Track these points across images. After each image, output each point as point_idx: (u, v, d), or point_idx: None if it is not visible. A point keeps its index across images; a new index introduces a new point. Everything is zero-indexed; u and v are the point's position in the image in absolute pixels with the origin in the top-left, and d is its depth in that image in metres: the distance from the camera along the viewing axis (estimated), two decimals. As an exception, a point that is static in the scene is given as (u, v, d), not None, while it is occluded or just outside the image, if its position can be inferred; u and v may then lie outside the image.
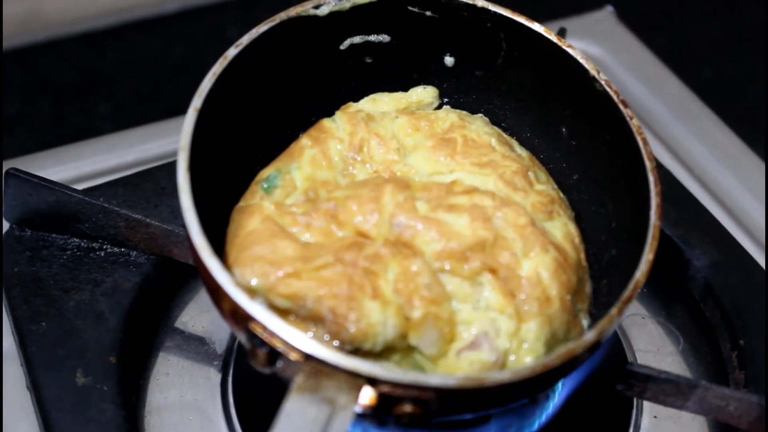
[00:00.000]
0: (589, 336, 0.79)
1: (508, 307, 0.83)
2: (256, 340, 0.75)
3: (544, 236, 0.86)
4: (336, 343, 0.79)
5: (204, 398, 0.95)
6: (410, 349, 0.82)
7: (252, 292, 0.81)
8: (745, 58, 1.66)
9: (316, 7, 0.93)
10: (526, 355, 0.82)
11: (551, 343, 0.84)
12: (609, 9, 1.42)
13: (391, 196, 0.85)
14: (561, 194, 0.95)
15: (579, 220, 0.94)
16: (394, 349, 0.81)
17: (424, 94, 1.00)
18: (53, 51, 1.50)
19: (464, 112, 0.99)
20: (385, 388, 0.73)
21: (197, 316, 1.02)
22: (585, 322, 0.88)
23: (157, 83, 1.50)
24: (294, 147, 0.93)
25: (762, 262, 1.06)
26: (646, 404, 0.97)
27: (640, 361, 1.01)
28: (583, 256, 0.91)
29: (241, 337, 0.78)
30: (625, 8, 1.44)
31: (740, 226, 1.13)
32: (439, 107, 1.01)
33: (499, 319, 0.83)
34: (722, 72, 1.63)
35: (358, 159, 0.92)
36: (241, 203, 0.89)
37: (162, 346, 0.99)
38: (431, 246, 0.84)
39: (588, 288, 0.90)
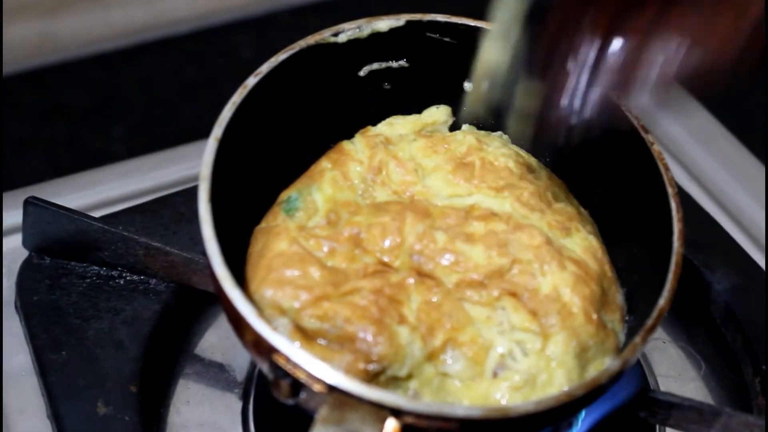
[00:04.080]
0: (614, 365, 0.78)
1: (532, 326, 0.83)
2: (279, 371, 0.75)
3: (561, 253, 0.87)
4: (370, 366, 0.79)
5: (225, 426, 0.95)
6: (435, 375, 0.82)
7: (281, 313, 0.81)
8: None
9: (335, 34, 0.93)
10: (557, 369, 0.82)
11: (583, 355, 0.83)
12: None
13: (412, 227, 0.86)
14: (582, 210, 0.95)
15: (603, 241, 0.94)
16: (419, 375, 0.81)
17: (438, 114, 1.00)
18: (66, 73, 1.50)
19: (483, 133, 0.99)
20: (409, 419, 0.73)
21: (217, 343, 1.01)
22: (622, 334, 0.88)
23: (170, 104, 1.50)
24: (314, 169, 0.93)
25: (783, 285, 1.05)
26: (669, 431, 0.96)
27: (662, 386, 1.00)
28: (608, 267, 0.90)
29: (264, 368, 0.78)
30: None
31: (760, 249, 1.13)
32: (454, 125, 1.01)
33: (525, 339, 0.83)
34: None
35: (378, 181, 0.92)
36: (263, 224, 0.89)
37: (182, 373, 0.99)
38: (451, 277, 0.85)
39: (618, 299, 0.90)
